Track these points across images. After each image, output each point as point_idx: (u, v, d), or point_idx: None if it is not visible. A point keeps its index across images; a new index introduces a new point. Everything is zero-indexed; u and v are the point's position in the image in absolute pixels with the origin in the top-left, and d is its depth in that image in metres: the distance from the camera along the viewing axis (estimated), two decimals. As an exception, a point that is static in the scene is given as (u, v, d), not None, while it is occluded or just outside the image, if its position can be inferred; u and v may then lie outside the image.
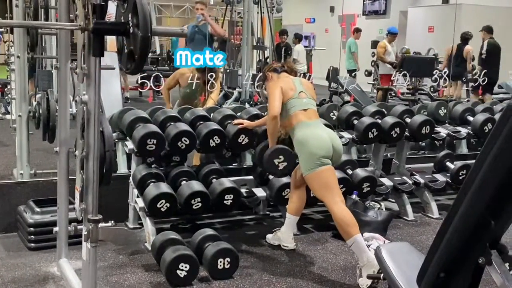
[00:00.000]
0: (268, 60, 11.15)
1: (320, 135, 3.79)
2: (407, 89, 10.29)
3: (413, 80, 9.41)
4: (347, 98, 9.60)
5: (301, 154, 3.78)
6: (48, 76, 8.54)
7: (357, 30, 13.32)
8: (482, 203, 1.75)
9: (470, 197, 1.75)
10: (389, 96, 11.20)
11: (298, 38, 12.93)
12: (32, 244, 3.89)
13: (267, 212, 4.77)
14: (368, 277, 3.17)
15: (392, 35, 11.60)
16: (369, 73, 13.02)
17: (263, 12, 10.28)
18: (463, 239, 1.85)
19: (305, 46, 15.09)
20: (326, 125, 4.46)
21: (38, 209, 3.95)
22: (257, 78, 5.51)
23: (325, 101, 9.87)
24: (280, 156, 4.01)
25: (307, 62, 14.67)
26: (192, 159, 5.10)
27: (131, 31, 2.60)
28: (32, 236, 3.89)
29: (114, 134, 4.47)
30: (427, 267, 1.92)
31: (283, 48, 11.20)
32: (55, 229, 3.46)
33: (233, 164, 5.04)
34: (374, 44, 14.19)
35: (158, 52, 14.84)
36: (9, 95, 6.95)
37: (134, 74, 2.76)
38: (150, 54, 14.48)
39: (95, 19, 2.55)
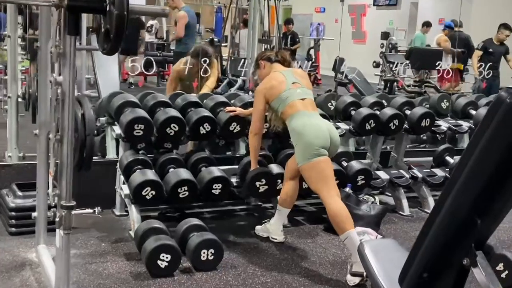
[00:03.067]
0: (274, 49, 11.00)
1: (318, 124, 3.66)
2: (414, 81, 10.12)
3: (420, 72, 9.24)
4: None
5: (297, 144, 3.64)
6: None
7: (427, 25, 12.70)
8: (468, 200, 1.66)
9: (455, 193, 1.65)
10: (396, 88, 11.04)
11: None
12: (13, 229, 3.80)
13: (259, 203, 4.63)
14: (352, 273, 3.05)
15: (451, 29, 11.23)
16: (377, 65, 12.83)
17: (270, 0, 10.10)
18: (447, 238, 1.76)
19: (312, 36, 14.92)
20: (322, 115, 4.33)
21: (20, 193, 3.85)
22: (251, 66, 5.38)
23: (331, 92, 9.72)
24: (262, 180, 4.03)
25: (314, 52, 14.52)
26: (187, 146, 4.97)
27: (107, 9, 2.48)
28: (13, 221, 3.79)
29: (103, 119, 4.36)
30: (409, 267, 1.83)
31: (289, 36, 11.04)
32: (34, 214, 3.37)
33: (227, 153, 4.92)
34: (385, 35, 13.99)
35: (165, 38, 14.72)
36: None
37: (110, 55, 2.62)
38: (156, 40, 14.42)
39: (70, -5, 2.43)
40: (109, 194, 4.29)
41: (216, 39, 10.94)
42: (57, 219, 2.69)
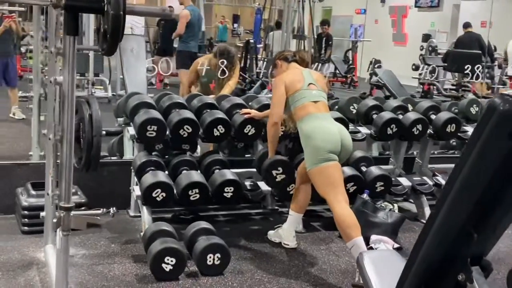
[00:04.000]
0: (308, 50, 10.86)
1: (329, 128, 3.56)
2: (452, 85, 9.85)
3: (457, 76, 8.96)
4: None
5: (306, 147, 3.56)
6: (85, 59, 8.57)
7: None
8: (462, 212, 1.58)
9: (449, 204, 1.58)
10: (435, 92, 10.76)
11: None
12: (26, 228, 3.82)
13: (276, 207, 4.54)
14: (353, 285, 2.94)
15: None
16: (416, 67, 12.56)
17: (304, 1, 9.99)
18: (441, 252, 1.69)
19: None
20: (340, 119, 4.23)
21: (33, 192, 3.87)
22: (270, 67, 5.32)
23: (365, 95, 9.55)
24: (279, 168, 3.90)
25: (351, 54, 14.32)
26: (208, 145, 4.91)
27: (105, 9, 2.45)
28: (25, 220, 3.82)
29: (120, 119, 4.36)
30: (404, 280, 1.76)
31: (324, 38, 10.89)
32: (42, 214, 3.38)
33: (246, 156, 4.85)
34: (426, 37, 13.68)
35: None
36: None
37: (108, 56, 2.60)
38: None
39: (68, -6, 2.40)
40: (125, 194, 4.29)
41: (252, 40, 10.89)
42: (54, 220, 2.68)
